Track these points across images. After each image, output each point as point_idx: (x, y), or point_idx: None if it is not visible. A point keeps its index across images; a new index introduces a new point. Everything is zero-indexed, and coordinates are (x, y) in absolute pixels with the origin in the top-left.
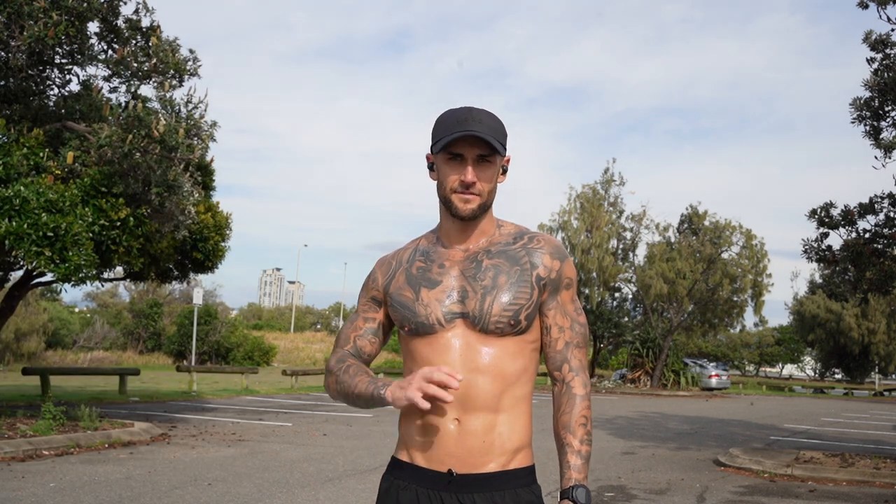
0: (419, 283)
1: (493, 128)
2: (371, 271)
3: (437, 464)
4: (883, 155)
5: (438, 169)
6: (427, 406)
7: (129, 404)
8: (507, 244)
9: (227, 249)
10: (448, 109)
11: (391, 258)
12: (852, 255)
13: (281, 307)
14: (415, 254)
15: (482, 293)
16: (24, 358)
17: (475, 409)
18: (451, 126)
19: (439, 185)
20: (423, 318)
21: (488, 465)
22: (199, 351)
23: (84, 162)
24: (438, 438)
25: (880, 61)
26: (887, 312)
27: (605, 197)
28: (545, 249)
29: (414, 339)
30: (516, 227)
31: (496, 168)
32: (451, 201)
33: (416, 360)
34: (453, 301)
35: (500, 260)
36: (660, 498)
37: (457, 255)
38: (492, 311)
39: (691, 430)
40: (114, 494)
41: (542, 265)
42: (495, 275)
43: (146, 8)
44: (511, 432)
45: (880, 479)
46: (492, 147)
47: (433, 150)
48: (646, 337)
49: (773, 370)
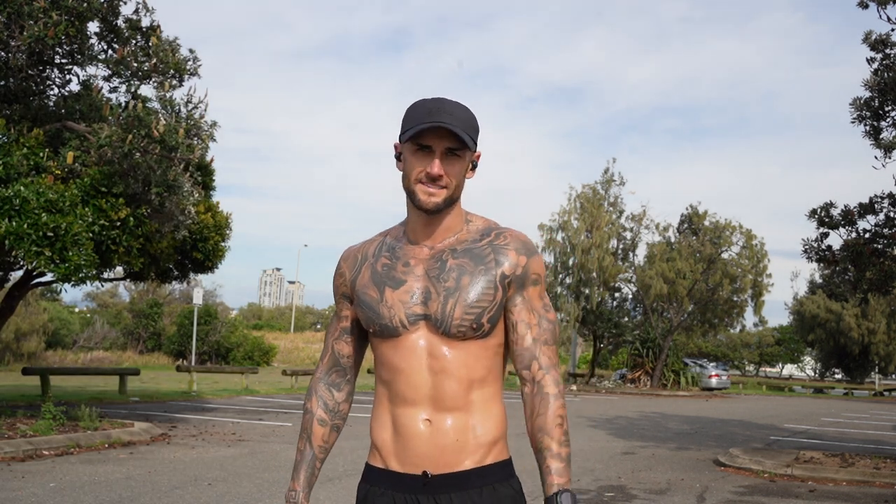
0: (383, 282)
1: (464, 121)
2: (337, 266)
3: (412, 466)
4: (883, 155)
5: (405, 159)
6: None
7: (129, 404)
8: (474, 241)
9: (227, 249)
10: (419, 99)
11: (357, 251)
12: (852, 255)
13: (281, 307)
14: (381, 248)
15: (444, 295)
16: (24, 358)
17: (445, 409)
18: (422, 116)
19: (404, 175)
20: (388, 321)
21: (463, 462)
22: (199, 351)
23: (84, 162)
24: (410, 441)
25: (880, 61)
26: (887, 312)
27: (605, 197)
28: (511, 245)
29: (379, 342)
30: (485, 223)
31: (465, 163)
32: (414, 193)
33: (383, 363)
34: (416, 302)
35: (465, 259)
36: (660, 498)
37: (422, 253)
38: (454, 314)
39: (691, 430)
40: (114, 494)
41: (508, 262)
42: (458, 275)
43: (146, 8)
44: (484, 428)
45: (880, 479)
46: (461, 141)
47: (401, 139)
48: (646, 337)
49: (773, 370)
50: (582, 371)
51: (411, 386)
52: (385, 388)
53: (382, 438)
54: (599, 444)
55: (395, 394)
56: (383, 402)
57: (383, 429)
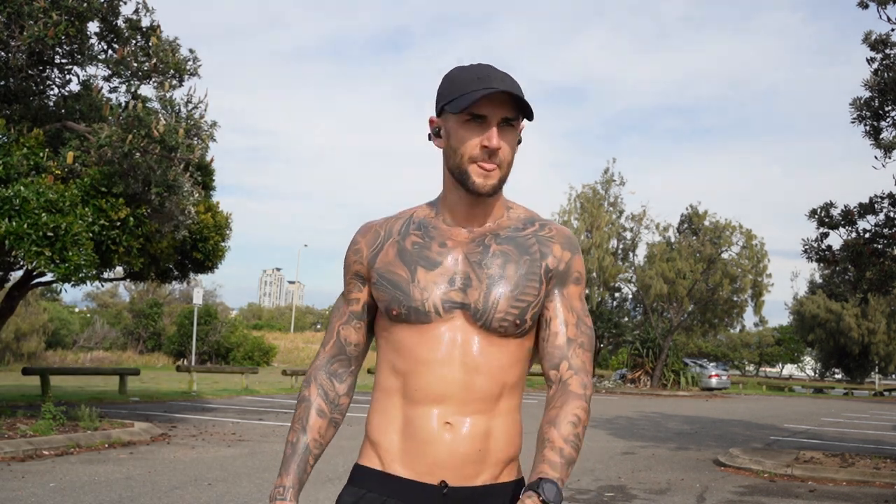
0: (415, 262)
1: (517, 88)
2: (352, 241)
3: (426, 474)
4: (883, 155)
5: (451, 133)
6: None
7: (129, 404)
8: (517, 229)
9: (227, 249)
10: (457, 66)
11: (378, 226)
12: (852, 255)
13: (281, 307)
14: (408, 225)
15: (488, 283)
16: (24, 358)
17: (471, 412)
18: (471, 83)
19: (452, 152)
20: (419, 304)
21: (481, 476)
22: (199, 351)
23: (84, 162)
24: (427, 445)
25: (880, 61)
26: (887, 312)
27: (605, 197)
28: (556, 239)
29: (401, 328)
30: (526, 212)
31: (517, 135)
32: (467, 173)
33: (401, 353)
34: (454, 288)
35: (510, 247)
36: (660, 498)
37: (461, 236)
38: (497, 305)
39: (691, 430)
40: (114, 494)
41: (552, 255)
42: (503, 263)
43: (146, 8)
44: (506, 441)
45: (880, 479)
46: (521, 108)
47: (449, 109)
48: (646, 337)
49: (773, 370)
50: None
51: (437, 381)
52: (398, 381)
53: (388, 438)
54: (599, 444)
55: (414, 389)
56: (393, 397)
57: (389, 427)
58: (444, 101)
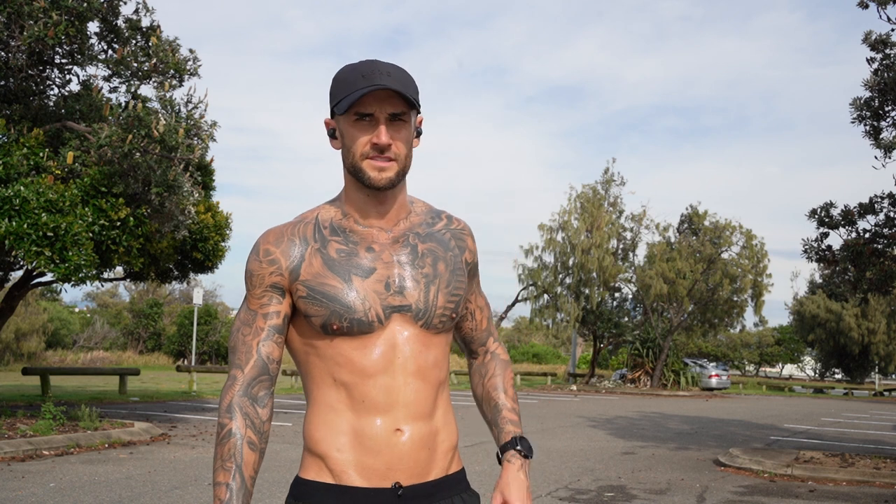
0: (347, 271)
1: (404, 81)
2: (261, 251)
3: (380, 480)
4: (883, 155)
5: (343, 134)
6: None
7: (129, 404)
8: (429, 224)
9: (227, 249)
10: (347, 65)
11: (289, 233)
12: (852, 255)
13: None
14: (318, 229)
15: (425, 282)
16: (24, 358)
17: (418, 416)
18: (356, 82)
19: (346, 152)
20: (362, 315)
21: (431, 472)
22: (199, 351)
23: (84, 162)
24: (379, 453)
25: (880, 61)
26: (887, 312)
27: (605, 197)
28: (467, 231)
29: (340, 340)
30: (424, 204)
31: (411, 129)
32: (361, 170)
33: (343, 366)
34: (391, 292)
35: (433, 244)
36: (660, 498)
37: (382, 237)
38: (437, 302)
39: (691, 430)
40: (114, 494)
41: (468, 249)
42: (434, 261)
43: (146, 8)
44: (447, 433)
45: (880, 479)
46: (407, 102)
47: (335, 111)
48: (646, 337)
49: (773, 370)
50: (582, 371)
51: (383, 390)
52: (341, 393)
53: (337, 451)
54: (599, 444)
55: (359, 400)
56: (337, 408)
57: (337, 440)
58: (333, 102)
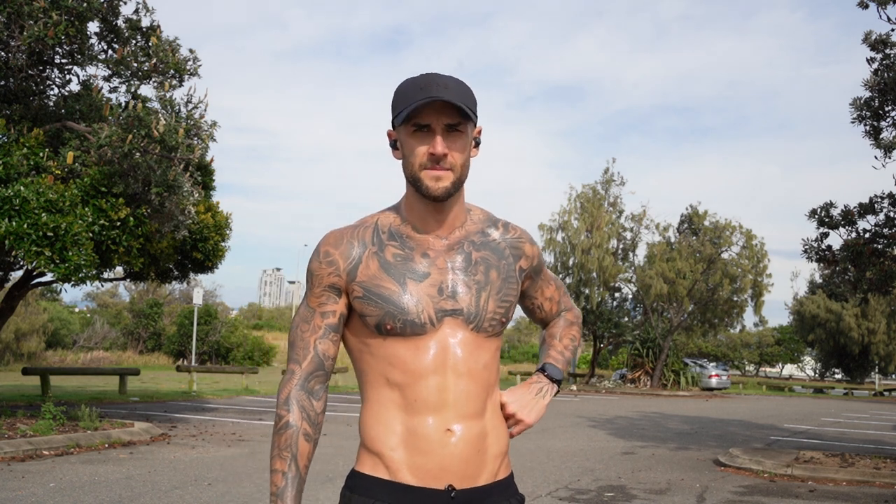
0: (403, 274)
1: (461, 92)
2: (321, 252)
3: (433, 480)
4: (883, 155)
5: (403, 144)
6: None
7: (129, 404)
8: (485, 233)
9: (227, 249)
10: (408, 78)
11: (349, 236)
12: (852, 255)
13: (281, 307)
14: (377, 233)
15: (476, 288)
16: (24, 358)
17: (468, 416)
18: (414, 94)
19: (405, 162)
20: (415, 317)
21: (482, 476)
22: (199, 351)
23: (84, 162)
24: (431, 453)
25: (880, 61)
26: (887, 312)
27: (605, 197)
28: (523, 238)
29: (393, 341)
30: (483, 212)
31: (468, 139)
32: (419, 180)
33: (396, 366)
34: (443, 297)
35: (487, 252)
36: (660, 498)
37: (438, 244)
38: (487, 307)
39: (691, 430)
40: (114, 494)
41: (524, 256)
42: (486, 269)
43: (146, 8)
44: (497, 437)
45: (880, 479)
46: (462, 113)
47: (395, 123)
48: (646, 337)
49: (773, 370)
50: (582, 371)
51: (434, 390)
52: (394, 392)
53: (391, 449)
54: (599, 444)
55: (411, 400)
56: (390, 408)
57: (390, 438)
58: (394, 114)
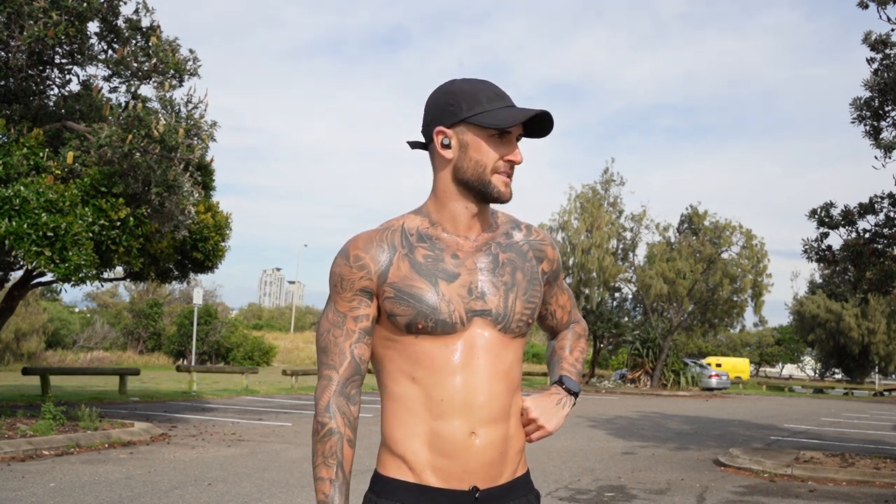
0: (434, 275)
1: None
2: (350, 256)
3: (457, 482)
4: (883, 155)
5: (470, 145)
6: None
7: (129, 404)
8: (509, 235)
9: (227, 249)
10: (463, 79)
11: (378, 239)
12: (852, 255)
13: (281, 307)
14: (405, 236)
15: (504, 289)
16: (24, 358)
17: (493, 419)
18: (493, 100)
19: (473, 163)
20: (446, 316)
21: (504, 474)
22: (199, 351)
23: (84, 162)
24: (456, 456)
25: (880, 61)
26: (887, 312)
27: (605, 197)
28: (546, 241)
29: (422, 339)
30: (506, 215)
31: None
32: (489, 184)
33: (422, 363)
34: (473, 297)
35: (513, 254)
36: (660, 498)
37: (467, 245)
38: (515, 307)
39: (691, 430)
40: (114, 494)
41: (547, 259)
42: (513, 270)
43: (146, 8)
44: (517, 438)
45: (880, 479)
46: (542, 129)
47: (484, 122)
48: (646, 337)
49: (773, 370)
50: (582, 371)
51: (461, 390)
52: (417, 390)
53: (415, 451)
54: (599, 444)
55: (437, 400)
56: (414, 409)
57: (415, 440)
58: (464, 115)
